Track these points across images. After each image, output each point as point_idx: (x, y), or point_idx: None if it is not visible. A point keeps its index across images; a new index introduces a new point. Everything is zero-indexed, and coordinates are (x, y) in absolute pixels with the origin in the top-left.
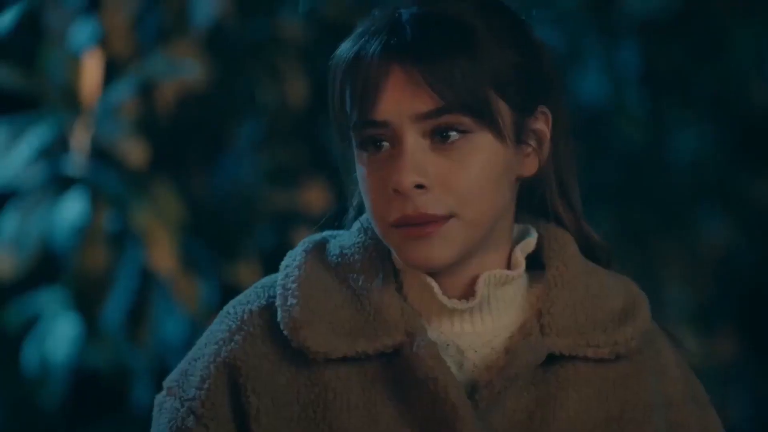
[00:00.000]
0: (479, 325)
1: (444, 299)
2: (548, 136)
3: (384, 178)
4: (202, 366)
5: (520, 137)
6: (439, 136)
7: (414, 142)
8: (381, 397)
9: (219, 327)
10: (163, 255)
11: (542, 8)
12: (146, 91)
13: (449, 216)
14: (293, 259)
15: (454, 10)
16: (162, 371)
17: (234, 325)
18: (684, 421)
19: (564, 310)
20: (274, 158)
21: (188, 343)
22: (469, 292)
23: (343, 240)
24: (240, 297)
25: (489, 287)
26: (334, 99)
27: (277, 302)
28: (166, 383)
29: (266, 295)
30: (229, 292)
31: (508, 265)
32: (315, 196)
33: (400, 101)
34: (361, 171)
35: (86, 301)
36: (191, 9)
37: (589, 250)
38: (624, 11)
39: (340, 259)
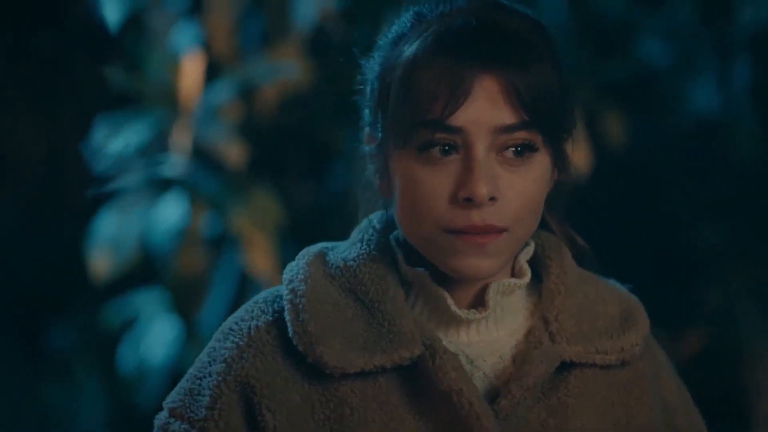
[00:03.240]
0: (486, 333)
1: (457, 311)
2: (569, 158)
3: (446, 183)
4: (212, 385)
5: (558, 158)
6: (506, 151)
7: (484, 153)
8: (398, 411)
9: (224, 344)
10: (261, 257)
11: (655, 20)
12: (247, 93)
13: (505, 230)
14: (296, 272)
15: (516, 24)
16: None
17: (242, 342)
18: (678, 422)
19: (570, 318)
20: None
21: None
22: (477, 302)
23: (345, 252)
24: (240, 313)
25: (497, 297)
26: (398, 96)
27: (287, 317)
28: (167, 404)
29: (271, 310)
30: None
31: (512, 273)
32: None
33: (484, 110)
34: (410, 173)
35: (184, 303)
36: (293, 11)
37: (575, 254)
38: (738, 23)
39: (344, 271)
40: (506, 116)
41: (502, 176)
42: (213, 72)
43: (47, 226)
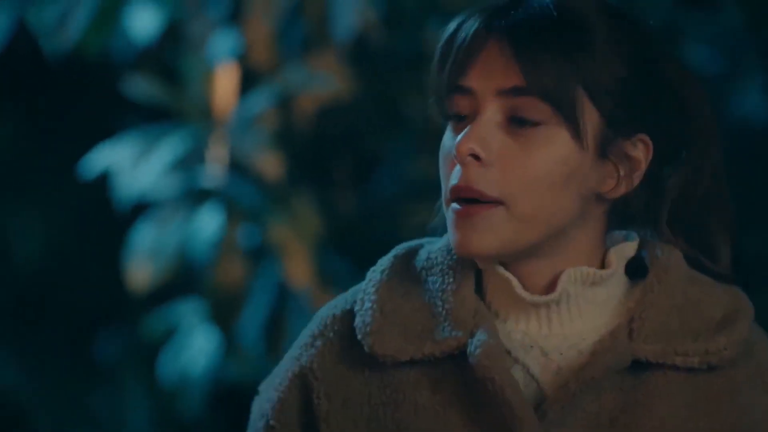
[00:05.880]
0: (567, 326)
1: (523, 293)
2: (643, 166)
3: (452, 147)
4: (284, 369)
5: (605, 152)
6: (515, 119)
7: (491, 116)
8: (449, 400)
9: (306, 331)
10: (299, 269)
11: (700, 26)
12: (284, 102)
13: (498, 202)
14: (381, 264)
15: (579, 6)
16: None
17: (317, 330)
18: None
19: (656, 316)
20: (419, 172)
21: None
22: (552, 290)
23: (436, 244)
24: (332, 300)
25: (576, 285)
26: (434, 69)
27: (356, 307)
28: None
29: (352, 299)
30: None
31: (602, 268)
32: None
33: (488, 72)
34: (442, 143)
35: (222, 314)
36: (333, 19)
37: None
38: None
39: (425, 263)
40: (506, 79)
41: (503, 141)
42: (251, 81)
43: (92, 240)
